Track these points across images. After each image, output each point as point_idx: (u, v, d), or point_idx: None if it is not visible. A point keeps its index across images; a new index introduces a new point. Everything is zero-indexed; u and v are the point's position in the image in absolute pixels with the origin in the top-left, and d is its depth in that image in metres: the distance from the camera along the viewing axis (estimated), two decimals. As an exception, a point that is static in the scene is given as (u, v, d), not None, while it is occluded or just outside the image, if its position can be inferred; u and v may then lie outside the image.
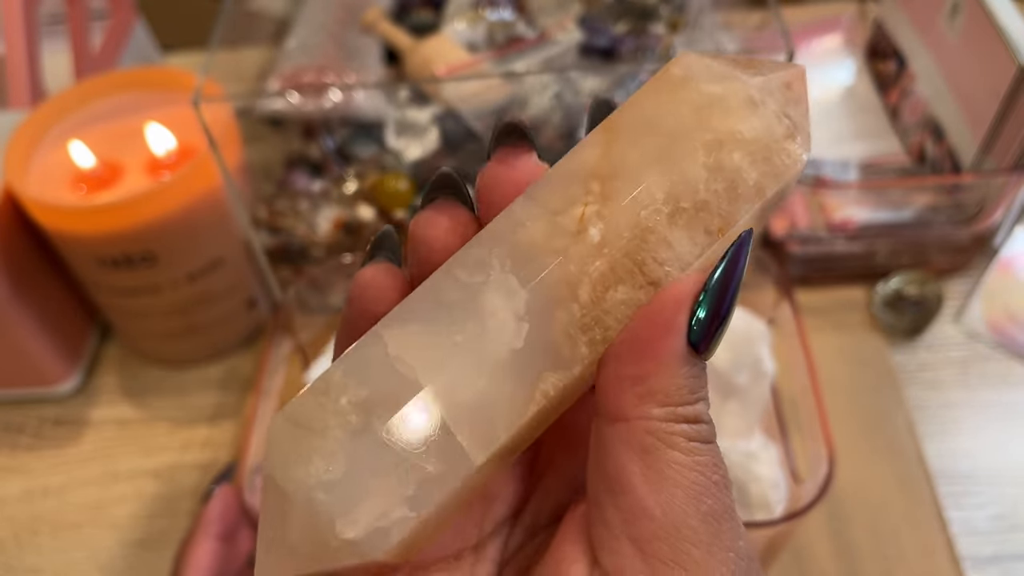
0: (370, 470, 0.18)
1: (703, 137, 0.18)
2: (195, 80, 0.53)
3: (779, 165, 0.18)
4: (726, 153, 0.18)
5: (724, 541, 0.17)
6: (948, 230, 0.58)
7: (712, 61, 0.19)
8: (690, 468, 0.17)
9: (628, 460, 0.17)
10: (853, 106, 0.68)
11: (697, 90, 0.18)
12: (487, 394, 0.18)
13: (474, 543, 0.21)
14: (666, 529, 0.17)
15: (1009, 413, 0.53)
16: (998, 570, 0.46)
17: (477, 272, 0.18)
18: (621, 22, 0.64)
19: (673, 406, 0.17)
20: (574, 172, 0.18)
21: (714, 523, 0.17)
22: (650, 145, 0.18)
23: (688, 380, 0.17)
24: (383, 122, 0.59)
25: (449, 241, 0.19)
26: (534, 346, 0.18)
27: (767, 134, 0.18)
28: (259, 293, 0.59)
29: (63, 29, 0.64)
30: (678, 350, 0.17)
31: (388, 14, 0.66)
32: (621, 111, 0.19)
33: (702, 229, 0.18)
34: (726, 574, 0.17)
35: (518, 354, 0.18)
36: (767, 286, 0.52)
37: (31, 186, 0.51)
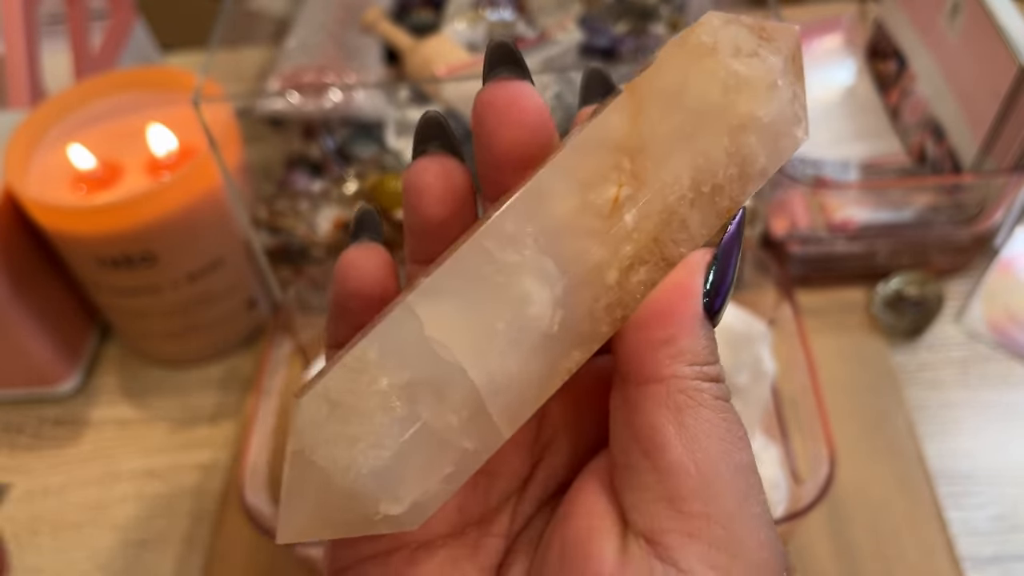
0: (414, 453, 0.18)
1: (729, 122, 0.18)
2: (195, 80, 0.53)
3: (783, 148, 0.19)
4: (744, 137, 0.19)
5: (754, 493, 0.18)
6: (948, 230, 0.58)
7: (737, 29, 0.19)
8: (719, 424, 0.18)
9: (663, 419, 0.18)
10: (853, 106, 0.68)
11: (725, 66, 0.18)
12: (519, 375, 0.18)
13: (477, 519, 0.21)
14: (701, 484, 0.17)
15: (1009, 413, 0.53)
16: (998, 570, 0.46)
17: (510, 249, 0.18)
18: (621, 22, 0.64)
19: (700, 364, 0.18)
20: (602, 141, 0.18)
21: (744, 476, 0.18)
22: (677, 121, 0.18)
23: (708, 342, 0.18)
24: (383, 122, 0.59)
25: (443, 189, 0.20)
26: (566, 330, 0.18)
27: (781, 120, 0.19)
28: (259, 293, 0.59)
29: (63, 29, 0.64)
30: (698, 313, 0.18)
31: (388, 14, 0.66)
32: (648, 75, 0.19)
33: (714, 211, 0.19)
34: (754, 527, 0.17)
35: (551, 338, 0.18)
36: (767, 286, 0.52)
37: (31, 186, 0.51)
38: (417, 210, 0.20)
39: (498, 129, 0.19)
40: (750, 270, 0.54)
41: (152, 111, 0.55)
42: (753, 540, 0.17)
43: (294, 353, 0.54)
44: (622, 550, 0.18)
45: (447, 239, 0.20)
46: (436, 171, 0.19)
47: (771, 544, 0.18)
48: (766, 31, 0.19)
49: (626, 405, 0.19)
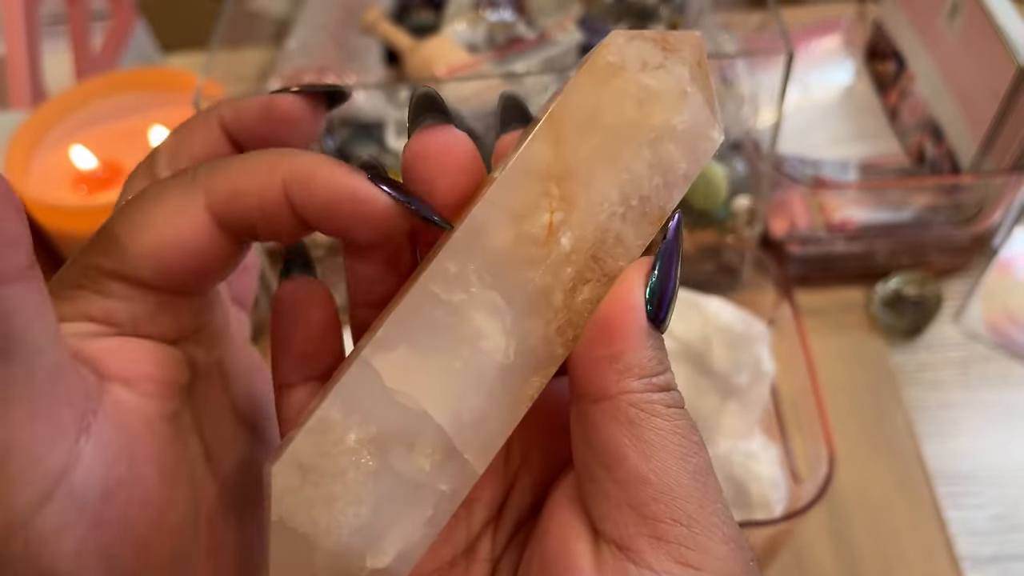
0: (392, 504, 0.19)
1: (647, 135, 0.19)
2: (196, 81, 0.53)
3: (701, 151, 0.20)
4: (663, 147, 0.19)
5: (712, 494, 0.18)
6: (947, 230, 0.58)
7: (641, 44, 0.19)
8: (673, 432, 0.18)
9: (618, 434, 0.18)
10: (852, 107, 0.68)
11: (635, 82, 0.19)
12: (484, 409, 0.19)
13: (464, 548, 0.21)
14: (661, 490, 0.18)
15: (1008, 413, 0.53)
16: (997, 570, 0.46)
17: (456, 289, 0.18)
18: (621, 22, 0.64)
19: (648, 377, 0.19)
20: (528, 171, 0.19)
21: (702, 479, 0.18)
22: (597, 142, 0.19)
23: (655, 352, 0.19)
24: (383, 122, 0.59)
25: (457, 156, 0.19)
26: (521, 357, 0.19)
27: (695, 125, 0.19)
28: (260, 293, 0.59)
29: (64, 29, 0.64)
30: (642, 325, 0.19)
31: (388, 15, 0.66)
32: (562, 103, 0.19)
33: (646, 221, 0.20)
34: (717, 523, 0.18)
35: (507, 368, 0.19)
36: (767, 286, 0.52)
37: (32, 187, 0.52)
38: (427, 180, 0.19)
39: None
40: (750, 270, 0.54)
41: (153, 112, 0.55)
42: (717, 535, 0.18)
43: (294, 353, 0.54)
44: (596, 559, 0.18)
45: (458, 210, 0.20)
46: (441, 140, 0.19)
47: (734, 538, 0.18)
48: (669, 42, 0.19)
49: (583, 422, 0.19)
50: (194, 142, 0.21)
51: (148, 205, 0.19)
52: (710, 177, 0.55)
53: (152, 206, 0.19)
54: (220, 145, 0.21)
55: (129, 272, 0.19)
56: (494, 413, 0.19)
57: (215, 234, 0.19)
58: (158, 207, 0.19)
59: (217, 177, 0.19)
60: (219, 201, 0.19)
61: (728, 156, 0.56)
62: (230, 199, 0.19)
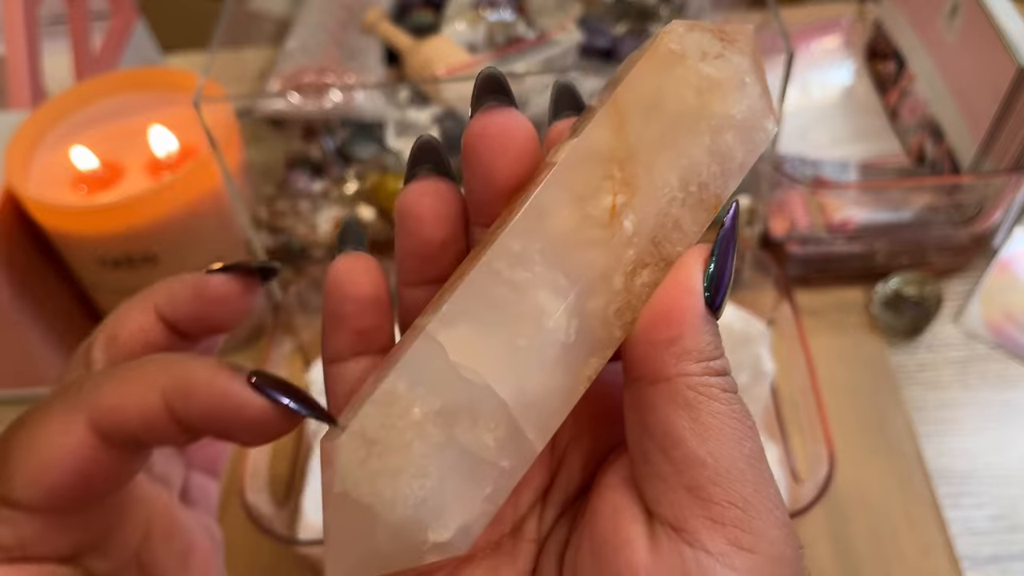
0: (455, 478, 0.19)
1: (707, 122, 0.19)
2: (196, 81, 0.53)
3: (757, 141, 0.20)
4: (722, 135, 0.20)
5: (766, 478, 0.19)
6: (947, 231, 0.58)
7: (701, 34, 0.20)
8: (729, 416, 0.19)
9: (675, 416, 0.18)
10: (852, 107, 0.68)
11: (695, 71, 0.19)
12: (545, 387, 0.19)
13: (511, 529, 0.22)
14: (719, 473, 0.18)
15: (1008, 413, 0.53)
16: (997, 570, 0.46)
17: (519, 267, 0.19)
18: (621, 23, 0.64)
19: (706, 360, 0.19)
20: (592, 154, 0.19)
21: (756, 463, 0.19)
22: (658, 127, 0.19)
23: (712, 337, 0.19)
24: (383, 122, 0.59)
25: (440, 212, 0.20)
26: (582, 338, 0.19)
27: (752, 115, 0.20)
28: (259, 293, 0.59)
29: (63, 30, 0.64)
30: (700, 310, 0.19)
31: (388, 15, 0.66)
32: (625, 88, 0.19)
33: (703, 208, 0.20)
34: (771, 507, 0.18)
35: (568, 347, 0.19)
36: (767, 286, 0.52)
37: (32, 187, 0.52)
38: (415, 234, 0.20)
39: (495, 160, 0.19)
40: (750, 270, 0.54)
41: (153, 112, 0.55)
42: (771, 519, 0.18)
43: (294, 353, 0.54)
44: (651, 539, 0.18)
45: (443, 262, 0.20)
46: (432, 194, 0.20)
47: (786, 523, 0.19)
48: (727, 34, 0.20)
49: (640, 405, 0.19)
50: (130, 328, 0.22)
51: (31, 426, 0.19)
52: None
53: (35, 427, 0.19)
54: (155, 330, 0.22)
55: (13, 497, 0.19)
56: (555, 392, 0.19)
57: (99, 449, 0.19)
58: (41, 428, 0.19)
59: (98, 393, 0.19)
60: (100, 417, 0.19)
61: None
62: (111, 414, 0.19)
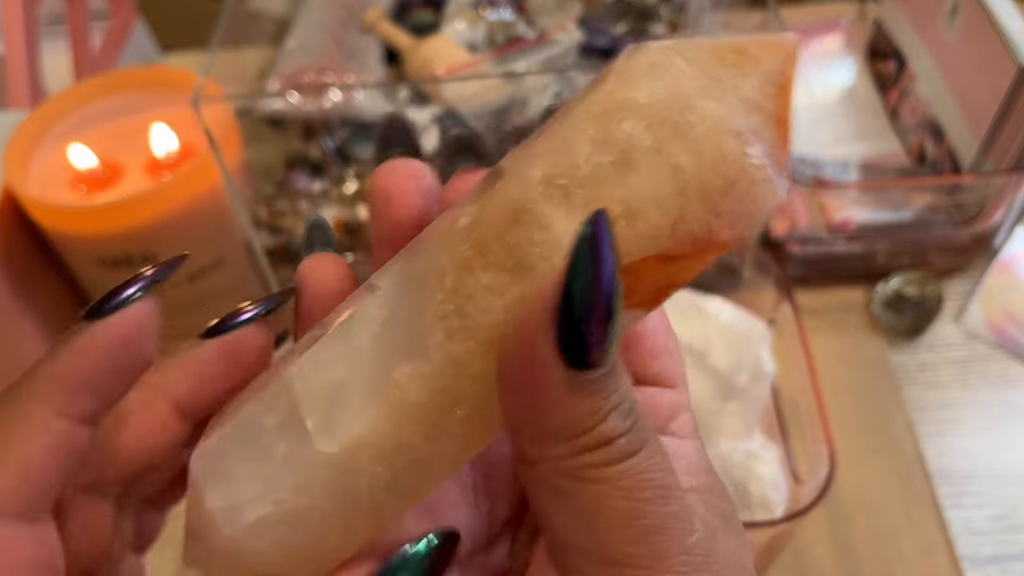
0: (238, 455, 0.18)
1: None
2: (195, 80, 0.53)
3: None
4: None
5: (670, 550, 0.16)
6: (948, 230, 0.58)
7: (686, 67, 0.16)
8: (613, 497, 0.15)
9: (547, 501, 0.16)
10: (853, 106, 0.68)
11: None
12: (344, 383, 0.17)
13: (484, 545, 0.21)
14: (603, 559, 0.15)
15: (1009, 413, 0.53)
16: (997, 570, 0.46)
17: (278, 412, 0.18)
18: (621, 22, 0.64)
19: (574, 439, 0.15)
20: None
21: (654, 538, 0.15)
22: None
23: (585, 403, 0.15)
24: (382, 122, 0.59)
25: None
26: (391, 334, 0.17)
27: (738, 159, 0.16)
28: (259, 293, 0.59)
29: (63, 29, 0.64)
30: (556, 381, 0.15)
31: (388, 14, 0.66)
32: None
33: (584, 208, 0.16)
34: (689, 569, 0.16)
35: (376, 342, 0.17)
36: (767, 286, 0.52)
37: (31, 186, 0.51)
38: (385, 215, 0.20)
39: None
40: (750, 270, 0.54)
41: (152, 111, 0.55)
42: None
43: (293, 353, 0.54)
44: None
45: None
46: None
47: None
48: (737, 57, 0.17)
49: (520, 478, 0.17)
50: (138, 434, 0.21)
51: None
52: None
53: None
54: (176, 428, 0.22)
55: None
56: (354, 391, 0.17)
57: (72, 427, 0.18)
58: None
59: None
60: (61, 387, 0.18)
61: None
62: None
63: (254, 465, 0.17)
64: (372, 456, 0.17)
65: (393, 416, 0.17)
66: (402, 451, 0.17)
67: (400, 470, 0.17)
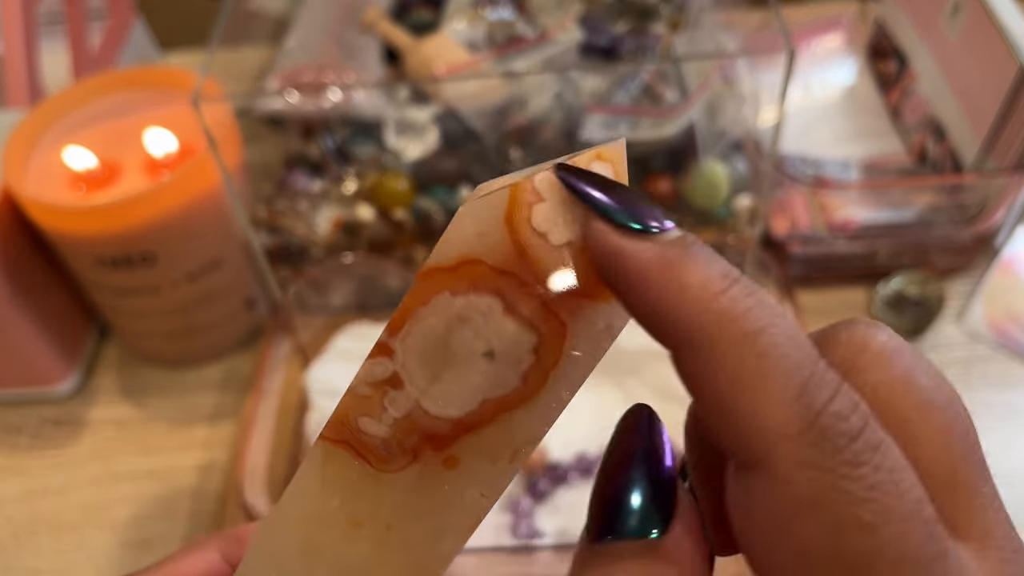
0: None
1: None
2: (194, 80, 0.53)
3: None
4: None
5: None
6: (949, 230, 0.58)
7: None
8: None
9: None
10: (854, 106, 0.68)
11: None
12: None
13: None
14: None
15: (1010, 413, 0.52)
16: (999, 571, 0.46)
17: None
18: (621, 22, 0.64)
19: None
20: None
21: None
22: None
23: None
24: (383, 122, 0.59)
25: None
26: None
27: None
28: (258, 293, 0.58)
29: (62, 29, 0.64)
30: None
31: (388, 13, 0.65)
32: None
33: None
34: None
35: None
36: (768, 286, 0.52)
37: (30, 186, 0.51)
38: None
39: None
40: (751, 270, 0.54)
41: (151, 111, 0.55)
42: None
43: (293, 353, 0.54)
44: None
45: None
46: None
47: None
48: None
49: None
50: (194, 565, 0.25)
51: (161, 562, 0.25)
52: (711, 176, 0.54)
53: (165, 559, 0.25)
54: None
55: None
56: None
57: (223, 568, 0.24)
58: (169, 558, 0.24)
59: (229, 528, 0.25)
60: (228, 543, 0.24)
61: (729, 155, 0.56)
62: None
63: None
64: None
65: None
66: None
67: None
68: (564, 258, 0.16)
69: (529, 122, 0.56)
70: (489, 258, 0.16)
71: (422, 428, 0.17)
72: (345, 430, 0.18)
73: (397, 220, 0.56)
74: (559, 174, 0.16)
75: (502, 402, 0.17)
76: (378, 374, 0.17)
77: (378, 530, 0.18)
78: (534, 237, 0.16)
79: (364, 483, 0.18)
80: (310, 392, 0.51)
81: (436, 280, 0.16)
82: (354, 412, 0.18)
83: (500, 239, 0.16)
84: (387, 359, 0.17)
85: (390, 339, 0.17)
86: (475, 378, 0.17)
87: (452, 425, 0.17)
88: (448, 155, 0.57)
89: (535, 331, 0.16)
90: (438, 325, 0.17)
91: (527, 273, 0.16)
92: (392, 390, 0.17)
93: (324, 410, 0.50)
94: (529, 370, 0.17)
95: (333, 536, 0.19)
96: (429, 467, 0.17)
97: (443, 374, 0.17)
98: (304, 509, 0.19)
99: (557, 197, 0.16)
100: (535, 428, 0.17)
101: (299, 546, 0.19)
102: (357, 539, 0.18)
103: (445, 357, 0.17)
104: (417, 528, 0.18)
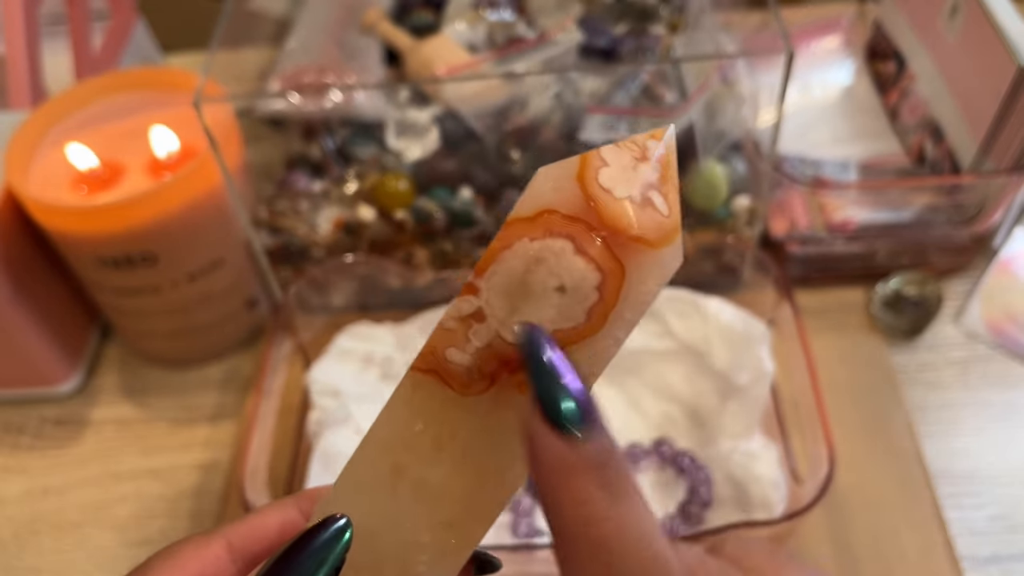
0: None
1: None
2: (196, 80, 0.53)
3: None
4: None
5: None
6: (948, 231, 0.58)
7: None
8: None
9: None
10: (852, 107, 0.68)
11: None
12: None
13: None
14: None
15: (1009, 413, 0.53)
16: (997, 570, 0.46)
17: None
18: (621, 22, 0.64)
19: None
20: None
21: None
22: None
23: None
24: (383, 122, 0.59)
25: None
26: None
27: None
28: (259, 293, 0.59)
29: (63, 30, 0.64)
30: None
31: (388, 14, 0.66)
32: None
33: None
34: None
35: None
36: (767, 287, 0.52)
37: (32, 187, 0.52)
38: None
39: None
40: (750, 270, 0.54)
41: (153, 111, 0.55)
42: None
43: (294, 353, 0.54)
44: None
45: None
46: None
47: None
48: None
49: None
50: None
51: (168, 549, 0.23)
52: (710, 177, 0.55)
53: (172, 547, 0.23)
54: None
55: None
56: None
57: (228, 564, 0.23)
58: (177, 546, 0.23)
59: (238, 520, 0.24)
60: (237, 536, 0.23)
61: (728, 156, 0.56)
62: (248, 531, 0.24)
63: None
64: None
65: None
66: None
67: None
68: (625, 208, 0.19)
69: (529, 123, 0.56)
70: (563, 207, 0.19)
71: (501, 354, 0.20)
72: (433, 360, 0.20)
73: (398, 220, 0.56)
74: (524, 337, 0.19)
75: (569, 334, 0.20)
76: (464, 310, 0.20)
77: (456, 452, 0.21)
78: (601, 191, 0.19)
79: (447, 408, 0.21)
80: (311, 392, 0.51)
81: (517, 228, 0.19)
82: (442, 344, 0.20)
83: (572, 192, 0.19)
84: (473, 296, 0.20)
85: (476, 279, 0.20)
86: (548, 311, 0.19)
87: None
88: (448, 156, 0.57)
89: (599, 271, 0.19)
90: (518, 265, 0.19)
91: (594, 219, 0.19)
92: (476, 323, 0.20)
93: (325, 410, 0.50)
94: (593, 307, 0.19)
95: (417, 457, 0.21)
96: (504, 390, 0.20)
97: (521, 307, 0.20)
98: (392, 434, 0.21)
99: (619, 163, 0.19)
100: (595, 363, 0.20)
101: (386, 469, 0.21)
102: (438, 461, 0.21)
103: (523, 292, 0.20)
104: (489, 454, 0.21)
